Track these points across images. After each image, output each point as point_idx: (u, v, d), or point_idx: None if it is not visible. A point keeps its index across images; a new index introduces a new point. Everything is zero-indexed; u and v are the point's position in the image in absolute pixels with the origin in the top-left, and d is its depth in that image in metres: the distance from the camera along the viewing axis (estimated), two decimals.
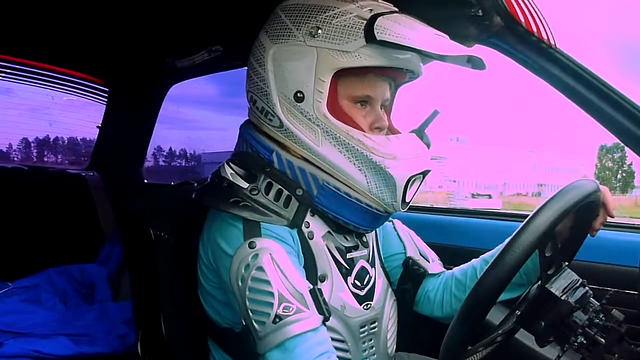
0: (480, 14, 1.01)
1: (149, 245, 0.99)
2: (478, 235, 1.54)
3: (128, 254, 1.10)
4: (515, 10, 1.01)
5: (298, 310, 0.75)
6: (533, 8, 1.03)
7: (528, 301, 0.82)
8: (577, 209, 0.74)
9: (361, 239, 0.96)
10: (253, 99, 0.90)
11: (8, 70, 2.06)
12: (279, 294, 0.75)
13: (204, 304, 0.93)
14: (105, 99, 2.36)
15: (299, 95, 0.83)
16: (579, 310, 0.75)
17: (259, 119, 0.89)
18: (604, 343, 0.72)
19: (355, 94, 0.86)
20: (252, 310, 0.77)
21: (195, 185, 1.13)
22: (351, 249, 0.93)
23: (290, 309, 0.74)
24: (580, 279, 0.81)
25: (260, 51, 0.87)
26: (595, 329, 0.74)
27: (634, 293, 1.12)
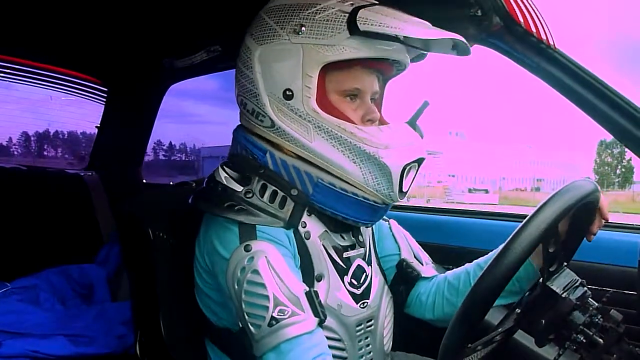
0: (480, 14, 1.02)
1: (147, 245, 0.99)
2: (475, 236, 1.54)
3: (127, 254, 1.10)
4: (514, 10, 1.01)
5: (293, 313, 0.75)
6: (532, 8, 1.03)
7: (528, 300, 0.82)
8: (576, 209, 0.74)
9: (357, 238, 0.96)
10: (243, 102, 0.90)
11: (7, 70, 2.06)
12: (274, 297, 0.75)
13: (201, 305, 0.93)
14: (104, 99, 2.36)
15: (288, 93, 0.83)
16: (577, 310, 0.76)
17: (250, 121, 0.89)
18: (602, 343, 0.72)
19: (343, 87, 0.86)
20: (248, 314, 0.77)
21: (193, 186, 1.13)
22: (348, 248, 0.93)
23: (286, 312, 0.74)
24: (580, 279, 0.81)
25: (246, 54, 0.87)
26: (594, 329, 0.74)
27: (633, 293, 1.12)
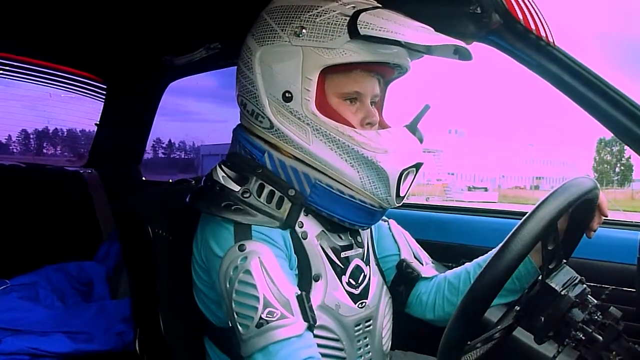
0: (479, 11, 1.02)
1: (147, 242, 0.99)
2: (475, 233, 1.54)
3: (126, 251, 1.10)
4: (514, 8, 1.01)
5: (282, 316, 0.75)
6: (531, 5, 1.03)
7: (528, 297, 0.82)
8: (575, 206, 0.74)
9: (355, 238, 0.96)
10: (243, 102, 0.90)
11: (6, 67, 2.05)
12: (264, 298, 0.75)
13: (198, 303, 0.93)
14: (103, 97, 2.35)
15: (288, 95, 0.83)
16: (577, 308, 0.76)
17: (250, 122, 0.89)
18: (601, 340, 0.73)
19: (343, 90, 0.86)
20: (237, 313, 0.77)
21: (192, 184, 1.13)
22: (345, 248, 0.93)
23: (275, 315, 0.74)
24: (579, 276, 0.81)
25: (247, 55, 0.88)
26: (593, 326, 0.74)
27: (632, 291, 1.12)
